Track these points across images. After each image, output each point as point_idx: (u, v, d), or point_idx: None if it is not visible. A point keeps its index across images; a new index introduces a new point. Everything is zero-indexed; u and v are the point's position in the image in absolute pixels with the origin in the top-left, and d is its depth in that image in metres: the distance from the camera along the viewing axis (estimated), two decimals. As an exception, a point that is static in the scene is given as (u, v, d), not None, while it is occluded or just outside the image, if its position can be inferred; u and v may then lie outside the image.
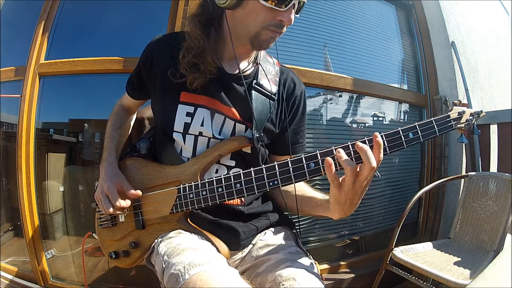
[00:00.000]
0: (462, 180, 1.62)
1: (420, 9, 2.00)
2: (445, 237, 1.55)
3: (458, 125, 0.63)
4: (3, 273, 1.42)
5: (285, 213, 0.91)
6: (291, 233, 0.86)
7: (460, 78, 1.85)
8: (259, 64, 0.84)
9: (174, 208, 0.74)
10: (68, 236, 1.46)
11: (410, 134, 0.61)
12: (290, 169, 0.63)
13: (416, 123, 0.61)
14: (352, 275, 1.52)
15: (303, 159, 0.63)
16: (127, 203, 0.76)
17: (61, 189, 1.46)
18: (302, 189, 0.81)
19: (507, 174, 1.43)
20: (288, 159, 0.64)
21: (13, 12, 1.64)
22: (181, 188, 0.73)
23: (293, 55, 1.54)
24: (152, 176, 0.80)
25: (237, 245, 0.79)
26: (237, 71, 0.80)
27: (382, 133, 0.60)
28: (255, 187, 0.66)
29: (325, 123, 1.68)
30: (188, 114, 0.78)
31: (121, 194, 0.76)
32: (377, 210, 1.76)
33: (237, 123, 0.79)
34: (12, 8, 1.65)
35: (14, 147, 1.37)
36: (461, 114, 0.63)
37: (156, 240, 0.75)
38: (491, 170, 1.69)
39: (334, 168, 0.58)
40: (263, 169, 0.66)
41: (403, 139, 0.61)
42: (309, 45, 1.61)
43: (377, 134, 0.58)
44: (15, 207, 1.40)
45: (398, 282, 1.58)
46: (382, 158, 0.58)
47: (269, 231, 0.84)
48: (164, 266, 0.64)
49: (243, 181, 0.67)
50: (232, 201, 0.79)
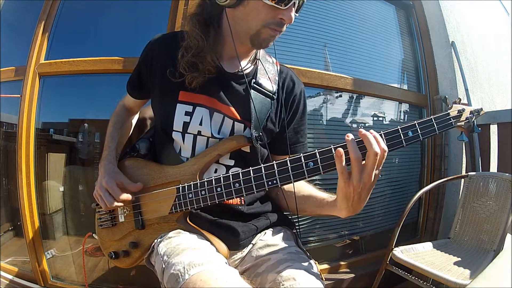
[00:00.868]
0: (462, 180, 1.62)
1: (420, 9, 2.00)
2: (445, 237, 1.54)
3: (458, 123, 0.63)
4: (3, 273, 1.42)
5: (285, 213, 0.91)
6: (291, 233, 0.86)
7: (460, 78, 1.85)
8: (258, 63, 0.83)
9: (174, 208, 0.74)
10: (68, 236, 1.46)
11: (410, 133, 0.61)
12: (289, 168, 0.63)
13: (416, 121, 0.61)
14: (352, 275, 1.52)
15: (302, 158, 0.63)
16: (129, 196, 0.76)
17: (61, 189, 1.46)
18: (308, 190, 0.81)
19: (507, 174, 1.43)
20: (287, 158, 0.64)
21: (13, 12, 1.65)
22: (180, 188, 0.73)
23: (293, 55, 1.54)
24: (152, 176, 0.80)
25: (237, 245, 0.79)
26: (236, 70, 0.80)
27: (382, 132, 0.60)
28: (254, 187, 0.66)
29: (325, 123, 1.68)
30: (187, 113, 0.78)
31: (121, 190, 0.76)
32: (377, 210, 1.76)
33: (236, 122, 0.79)
34: (12, 8, 1.65)
35: (14, 147, 1.37)
36: (461, 112, 0.63)
37: (156, 240, 0.75)
38: (491, 170, 1.69)
39: (344, 160, 0.58)
40: (262, 169, 0.66)
41: (403, 138, 0.60)
42: (309, 45, 1.61)
43: (372, 131, 0.59)
44: (15, 207, 1.40)
45: (398, 282, 1.58)
46: (386, 150, 0.58)
47: (269, 231, 0.84)
48: (164, 266, 0.64)
49: (242, 181, 0.67)
50: (232, 201, 0.79)
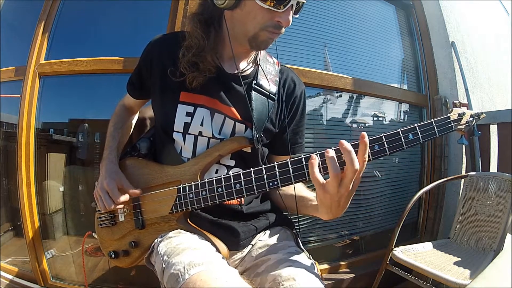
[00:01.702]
0: (462, 180, 1.62)
1: (420, 9, 2.00)
2: (445, 237, 1.55)
3: (458, 127, 0.63)
4: (3, 273, 1.42)
5: (285, 213, 0.91)
6: (291, 233, 0.86)
7: (460, 78, 1.85)
8: (259, 64, 0.83)
9: (174, 208, 0.74)
10: (68, 236, 1.47)
11: (410, 135, 0.60)
12: (290, 170, 0.63)
13: (416, 124, 0.61)
14: (352, 275, 1.52)
15: (303, 160, 0.63)
16: (126, 197, 0.76)
17: (61, 189, 1.46)
18: (297, 188, 0.81)
19: (507, 174, 1.43)
20: (288, 160, 0.64)
21: (13, 12, 1.64)
22: (181, 188, 0.73)
23: (293, 55, 1.54)
24: (152, 176, 0.80)
25: (237, 245, 0.79)
26: (237, 71, 0.80)
27: (382, 134, 0.60)
28: (255, 187, 0.66)
29: (325, 123, 1.68)
30: (188, 114, 0.78)
31: (121, 192, 0.77)
32: (377, 210, 1.76)
33: (237, 123, 0.79)
34: (12, 8, 1.65)
35: (14, 147, 1.37)
36: (461, 116, 0.63)
37: (156, 240, 0.75)
38: (491, 170, 1.69)
39: (318, 170, 0.57)
40: (263, 170, 0.66)
41: (403, 140, 0.60)
42: (309, 45, 1.61)
43: (365, 134, 0.55)
44: (15, 207, 1.40)
45: (398, 282, 1.58)
46: (367, 160, 0.56)
47: (269, 231, 0.84)
48: (164, 266, 0.64)
49: (243, 181, 0.67)
50: (232, 201, 0.79)
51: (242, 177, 0.67)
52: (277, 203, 0.90)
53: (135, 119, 1.01)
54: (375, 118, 1.81)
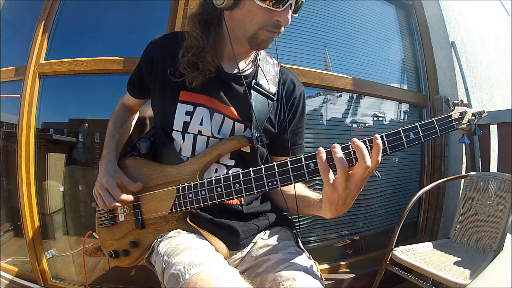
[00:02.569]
0: (462, 180, 1.62)
1: (420, 9, 2.00)
2: (445, 237, 1.55)
3: (460, 126, 0.62)
4: (3, 273, 1.42)
5: (285, 213, 0.91)
6: (291, 233, 0.86)
7: (460, 78, 1.85)
8: (259, 65, 0.84)
9: (174, 208, 0.74)
10: (68, 236, 1.47)
11: (411, 135, 0.60)
12: (289, 169, 0.63)
13: (417, 123, 0.60)
14: (352, 275, 1.52)
15: (303, 159, 0.63)
16: (129, 197, 0.76)
17: (61, 189, 1.46)
18: (297, 188, 0.81)
19: (507, 174, 1.43)
20: (287, 159, 0.64)
21: (13, 12, 1.65)
22: (180, 188, 0.73)
23: (293, 55, 1.54)
24: (152, 176, 0.80)
25: (237, 245, 0.79)
26: (236, 71, 0.80)
27: (383, 133, 0.60)
28: (254, 187, 0.66)
29: (325, 123, 1.68)
30: (187, 113, 0.78)
31: (121, 189, 0.76)
32: (377, 210, 1.76)
33: (236, 122, 0.79)
34: (12, 8, 1.65)
35: (14, 147, 1.37)
36: (463, 114, 0.62)
37: (156, 240, 0.75)
38: (491, 170, 1.69)
39: (327, 164, 0.58)
40: (262, 169, 0.66)
41: (404, 139, 0.60)
42: (309, 45, 1.61)
43: (377, 136, 0.57)
44: (15, 207, 1.40)
45: (398, 282, 1.57)
46: (380, 161, 0.57)
47: (269, 231, 0.84)
48: (164, 266, 0.64)
49: (242, 181, 0.67)
50: (231, 201, 0.79)
51: (241, 177, 0.67)
52: (279, 205, 0.89)
53: (135, 119, 1.01)
54: (375, 118, 1.81)
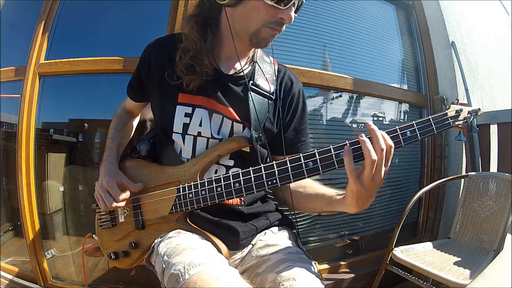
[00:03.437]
0: (462, 180, 1.62)
1: (420, 9, 2.00)
2: (445, 237, 1.54)
3: (456, 123, 0.64)
4: (3, 273, 1.42)
5: (285, 213, 0.91)
6: (291, 233, 0.86)
7: (460, 78, 1.85)
8: (256, 64, 0.84)
9: (174, 208, 0.74)
10: (68, 236, 1.46)
11: (408, 132, 0.61)
12: (289, 168, 0.64)
13: (414, 121, 0.61)
14: (352, 275, 1.52)
15: (302, 158, 0.63)
16: (127, 194, 0.76)
17: (61, 189, 1.46)
18: (316, 188, 0.80)
19: (507, 174, 1.43)
20: (287, 158, 0.64)
21: (13, 12, 1.64)
22: (181, 188, 0.74)
23: (293, 55, 1.54)
24: (152, 177, 0.80)
25: (237, 245, 0.79)
26: (234, 72, 0.80)
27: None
28: (254, 187, 0.66)
29: (325, 123, 1.68)
30: (187, 115, 0.78)
31: (122, 190, 0.76)
32: (377, 210, 1.76)
33: (235, 123, 0.79)
34: (12, 8, 1.65)
35: (14, 147, 1.37)
36: (459, 112, 0.63)
37: (156, 240, 0.75)
38: (491, 170, 1.69)
39: (353, 161, 0.59)
40: (262, 169, 0.66)
41: (401, 138, 0.61)
42: (309, 45, 1.61)
43: (370, 126, 0.59)
44: (15, 207, 1.40)
45: (398, 282, 1.57)
46: (393, 146, 0.59)
47: (269, 231, 0.84)
48: (164, 266, 0.64)
49: (242, 181, 0.67)
50: (232, 201, 0.79)
51: (241, 176, 0.67)
52: (294, 206, 0.85)
53: (136, 122, 1.02)
54: (375, 118, 1.81)
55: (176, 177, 0.77)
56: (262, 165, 0.66)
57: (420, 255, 1.33)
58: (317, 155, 0.62)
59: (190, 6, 1.32)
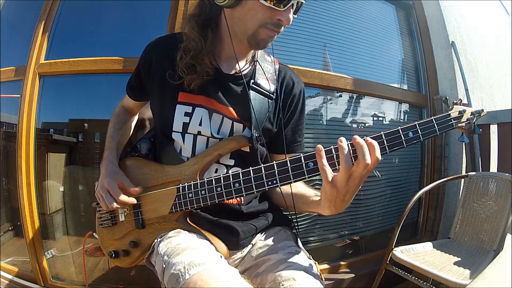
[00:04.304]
0: (462, 180, 1.62)
1: (420, 9, 2.00)
2: (445, 237, 1.54)
3: (459, 124, 0.63)
4: (3, 273, 1.42)
5: (285, 213, 0.91)
6: (291, 233, 0.86)
7: (460, 78, 1.85)
8: (256, 63, 0.84)
9: (174, 208, 0.74)
10: (68, 236, 1.46)
11: (410, 133, 0.60)
12: (289, 169, 0.63)
13: (416, 122, 0.61)
14: (352, 275, 1.52)
15: (302, 159, 0.63)
16: (131, 199, 0.76)
17: (61, 189, 1.46)
18: (296, 186, 0.81)
19: (507, 174, 1.43)
20: (287, 159, 0.64)
21: (13, 12, 1.64)
22: (180, 188, 0.74)
23: (293, 55, 1.54)
24: (152, 176, 0.80)
25: (237, 245, 0.79)
26: (234, 71, 0.80)
27: (382, 132, 0.60)
28: (254, 187, 0.66)
29: (325, 123, 1.68)
30: (187, 114, 0.78)
31: (122, 191, 0.77)
32: (377, 210, 1.76)
33: (235, 122, 0.79)
34: (12, 8, 1.65)
35: (14, 147, 1.37)
36: (462, 113, 0.63)
37: (156, 240, 0.75)
38: (491, 170, 1.69)
39: (326, 161, 0.58)
40: (262, 169, 0.66)
41: (403, 138, 0.60)
42: (309, 45, 1.61)
43: (368, 138, 0.58)
44: (15, 207, 1.40)
45: (398, 282, 1.58)
46: (380, 159, 0.57)
47: (269, 231, 0.85)
48: (164, 266, 0.64)
49: (242, 181, 0.67)
50: (231, 201, 0.79)
51: (241, 176, 0.67)
52: (278, 203, 0.89)
53: (135, 121, 1.02)
54: (375, 118, 1.81)
55: (176, 176, 0.77)
56: (262, 165, 0.66)
57: (420, 255, 1.33)
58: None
59: (190, 6, 1.32)
